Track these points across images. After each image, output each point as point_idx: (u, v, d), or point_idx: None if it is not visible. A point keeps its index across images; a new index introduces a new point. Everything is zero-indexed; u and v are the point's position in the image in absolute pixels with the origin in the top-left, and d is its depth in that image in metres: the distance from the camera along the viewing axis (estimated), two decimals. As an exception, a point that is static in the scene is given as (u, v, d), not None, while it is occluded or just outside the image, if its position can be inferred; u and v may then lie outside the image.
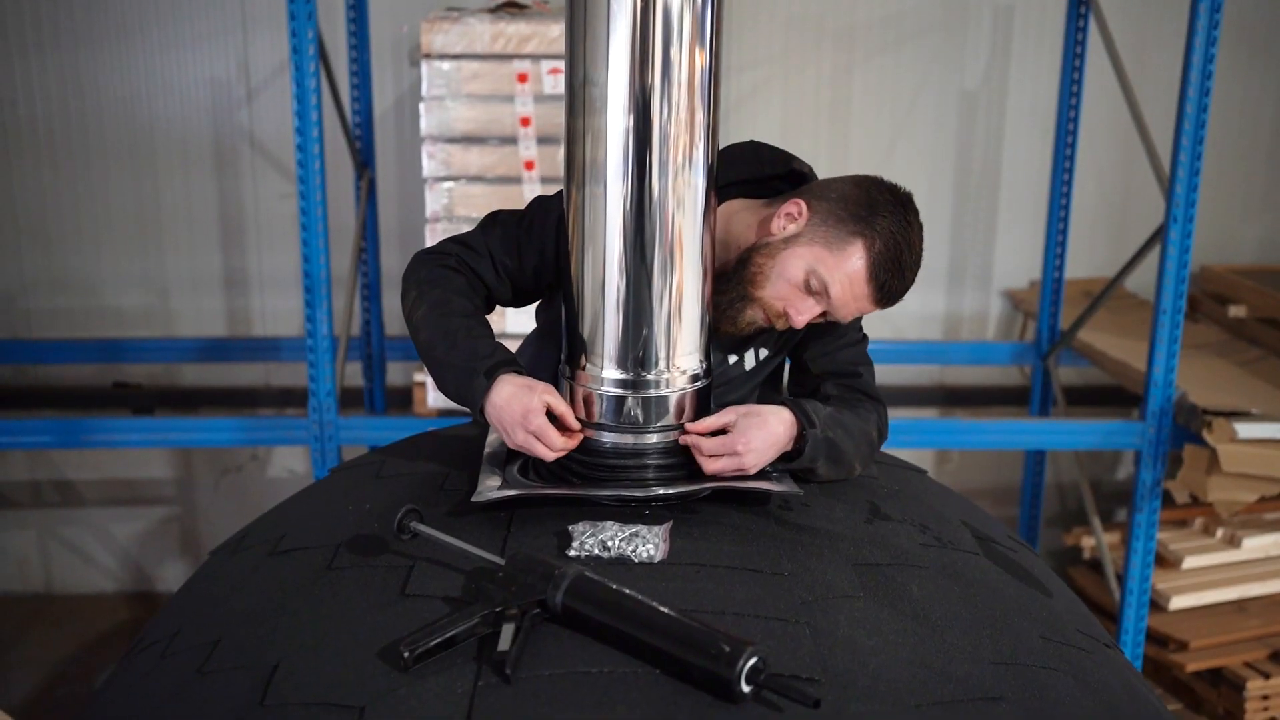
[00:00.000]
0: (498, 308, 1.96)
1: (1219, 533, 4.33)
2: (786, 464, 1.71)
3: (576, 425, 1.64)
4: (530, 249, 1.85)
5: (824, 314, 1.78)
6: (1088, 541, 4.42)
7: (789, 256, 1.75)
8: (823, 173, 1.86)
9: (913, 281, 1.79)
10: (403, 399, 4.71)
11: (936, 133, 4.83)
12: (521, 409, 1.61)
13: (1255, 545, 4.28)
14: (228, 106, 4.64)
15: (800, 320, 1.76)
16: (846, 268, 1.73)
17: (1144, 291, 4.75)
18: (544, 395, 1.63)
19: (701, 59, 1.54)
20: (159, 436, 4.13)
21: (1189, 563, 4.20)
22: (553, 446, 1.62)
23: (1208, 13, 3.40)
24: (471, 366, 1.67)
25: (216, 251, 4.76)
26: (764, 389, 1.99)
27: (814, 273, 1.73)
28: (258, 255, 4.76)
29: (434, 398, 3.82)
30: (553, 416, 1.63)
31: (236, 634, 1.44)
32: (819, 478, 1.75)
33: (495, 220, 1.90)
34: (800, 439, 1.69)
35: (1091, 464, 5.06)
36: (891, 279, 1.75)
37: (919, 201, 1.92)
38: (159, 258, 4.73)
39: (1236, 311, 4.51)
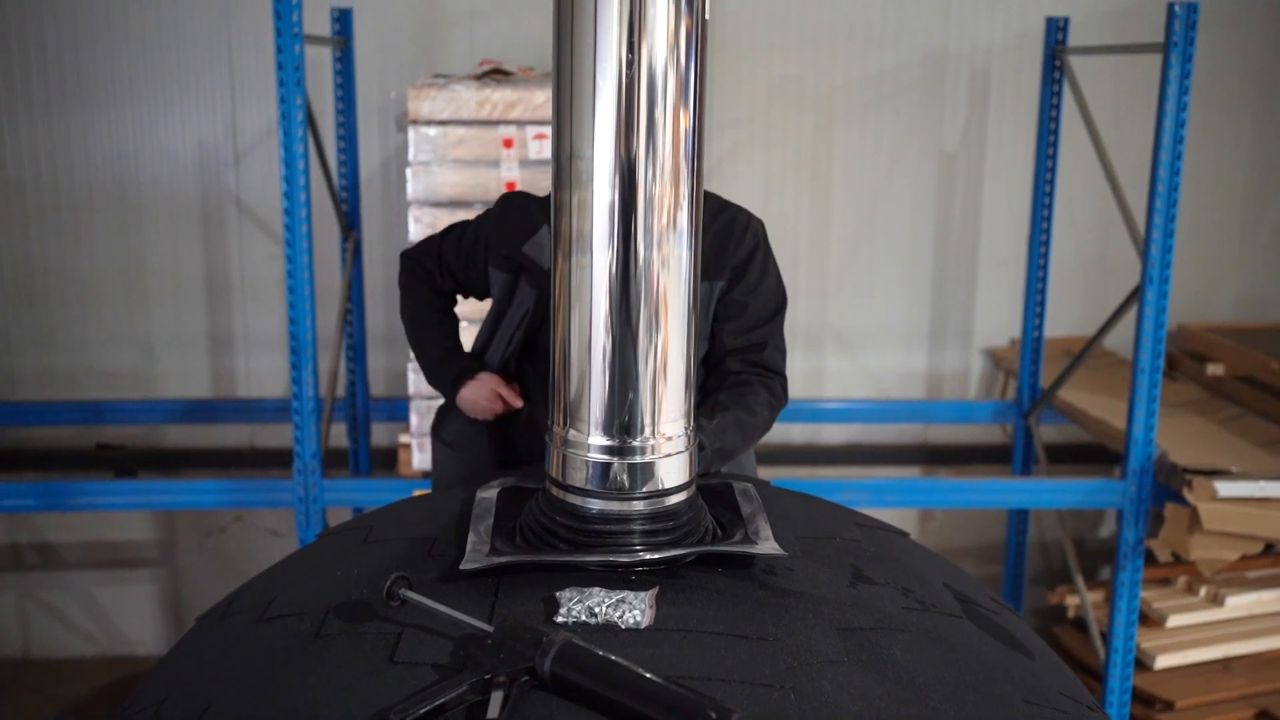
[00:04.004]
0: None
1: (1202, 591, 4.34)
2: None
3: (517, 401, 2.33)
4: (459, 267, 2.43)
5: None
6: (1072, 600, 4.43)
7: None
8: (805, 236, 1.90)
9: None
10: (388, 459, 4.71)
11: (916, 193, 4.90)
12: (472, 392, 2.35)
13: (1239, 603, 4.29)
14: (215, 169, 4.68)
15: None
16: None
17: (1123, 350, 4.80)
18: (493, 384, 2.34)
19: (685, 120, 1.57)
20: (142, 499, 4.12)
21: (1173, 621, 4.21)
22: (484, 384, 2.30)
23: (1178, 79, 3.48)
24: (443, 371, 2.42)
25: (202, 312, 4.78)
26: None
27: None
28: (243, 316, 4.78)
29: (419, 459, 3.83)
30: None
31: (225, 701, 1.44)
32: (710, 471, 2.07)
33: (450, 233, 2.47)
34: None
35: (1074, 522, 5.09)
36: None
37: (902, 262, 1.99)
38: (145, 318, 4.75)
39: (1214, 370, 4.56)
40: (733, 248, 2.24)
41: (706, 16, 1.56)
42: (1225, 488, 3.62)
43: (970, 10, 4.78)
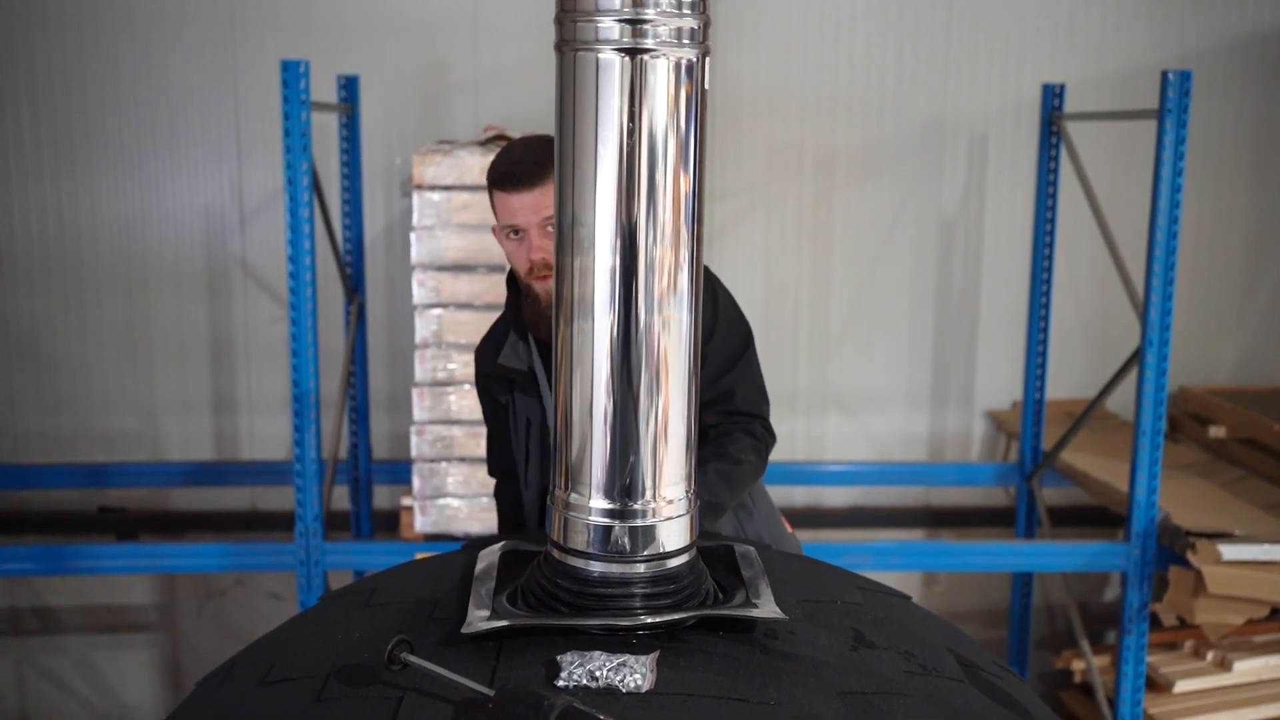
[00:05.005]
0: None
1: (1209, 656, 4.30)
2: None
3: None
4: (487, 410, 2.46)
5: (547, 223, 2.18)
6: (1078, 665, 4.40)
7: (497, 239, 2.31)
8: (806, 300, 1.92)
9: (526, 154, 2.21)
10: (389, 522, 4.70)
11: (916, 257, 4.94)
12: None
13: (1247, 668, 4.25)
14: (221, 232, 4.72)
15: (539, 252, 2.20)
16: (493, 202, 2.26)
17: (1125, 412, 4.80)
18: None
19: (686, 185, 1.60)
20: (144, 562, 4.12)
21: (1181, 686, 4.17)
22: None
23: (1173, 144, 3.52)
24: None
25: (206, 375, 4.80)
26: None
27: (498, 228, 2.27)
28: (247, 379, 4.80)
29: (421, 522, 3.82)
30: None
31: (223, 768, 1.44)
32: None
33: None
34: None
35: (1079, 585, 5.06)
36: (499, 163, 2.23)
37: (902, 325, 2.00)
38: (149, 381, 4.77)
39: (1216, 432, 4.56)
40: None
41: (706, 86, 1.59)
42: (1229, 551, 3.60)
43: (967, 77, 4.85)
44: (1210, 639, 4.03)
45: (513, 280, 2.37)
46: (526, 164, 2.20)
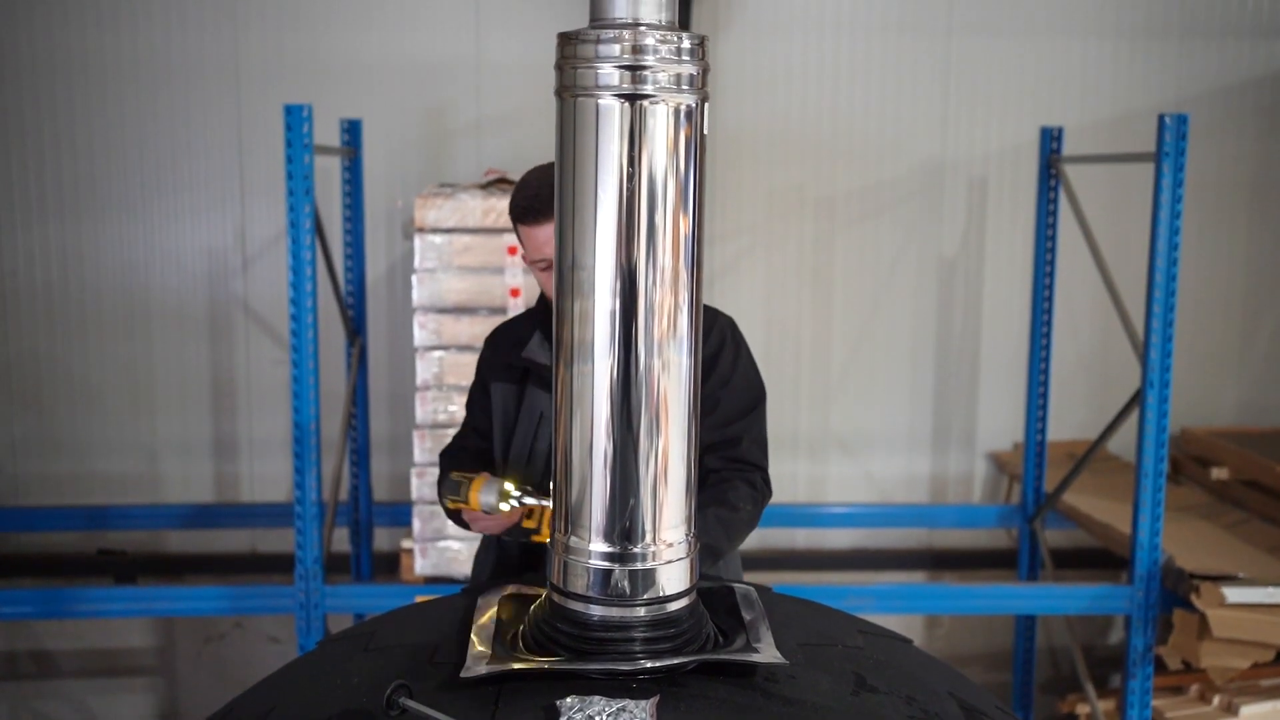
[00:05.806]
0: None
1: (1215, 700, 4.26)
2: None
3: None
4: (476, 409, 2.54)
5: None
6: (1083, 709, 4.36)
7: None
8: (807, 341, 1.93)
9: (543, 187, 2.25)
10: (390, 564, 4.69)
11: (917, 298, 4.95)
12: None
13: (1254, 713, 4.20)
14: (224, 275, 4.74)
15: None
16: (519, 236, 2.34)
17: (1126, 453, 4.79)
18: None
19: (685, 228, 1.60)
20: (142, 605, 4.10)
21: (1186, 731, 4.14)
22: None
23: (1170, 187, 3.54)
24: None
25: (207, 417, 4.79)
26: None
27: (526, 259, 2.36)
28: (248, 421, 4.80)
29: (421, 564, 3.81)
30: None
31: (219, 815, 1.42)
32: None
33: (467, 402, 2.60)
34: None
35: (1083, 628, 5.03)
36: (518, 198, 2.31)
37: (904, 366, 1.99)
38: (150, 423, 4.77)
39: (1219, 474, 4.55)
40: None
41: (705, 131, 1.60)
42: (1233, 594, 3.58)
43: (966, 121, 4.88)
44: (1216, 683, 3.99)
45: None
46: (544, 196, 2.25)
